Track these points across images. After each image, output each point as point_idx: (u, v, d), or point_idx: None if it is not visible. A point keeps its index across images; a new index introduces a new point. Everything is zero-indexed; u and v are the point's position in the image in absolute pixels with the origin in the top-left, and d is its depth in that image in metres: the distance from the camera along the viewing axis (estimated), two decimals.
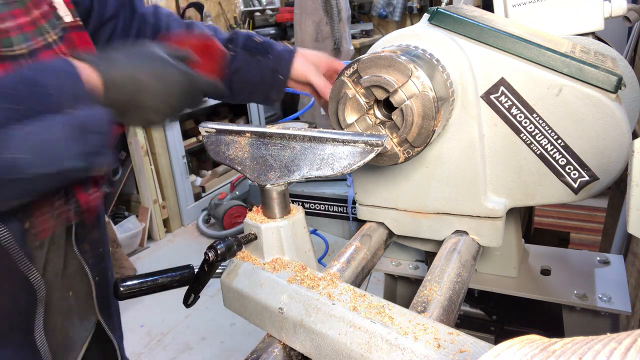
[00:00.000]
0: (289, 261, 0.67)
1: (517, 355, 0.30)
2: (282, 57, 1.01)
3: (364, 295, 0.59)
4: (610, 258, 1.02)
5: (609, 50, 0.91)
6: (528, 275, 1.00)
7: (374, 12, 5.32)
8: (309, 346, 0.58)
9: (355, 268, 0.80)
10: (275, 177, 0.66)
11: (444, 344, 0.50)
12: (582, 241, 3.23)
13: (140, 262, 3.44)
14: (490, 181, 0.81)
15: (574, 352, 0.27)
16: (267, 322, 0.64)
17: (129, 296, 0.70)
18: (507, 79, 0.75)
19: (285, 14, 4.95)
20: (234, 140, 0.73)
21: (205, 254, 0.64)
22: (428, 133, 0.68)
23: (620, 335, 0.28)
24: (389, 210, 0.89)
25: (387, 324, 0.53)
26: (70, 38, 0.77)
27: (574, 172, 0.76)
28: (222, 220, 3.64)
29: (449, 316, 0.64)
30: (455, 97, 0.76)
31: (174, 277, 0.71)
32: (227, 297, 0.70)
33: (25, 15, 0.70)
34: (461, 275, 0.72)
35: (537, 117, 0.75)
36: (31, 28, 0.70)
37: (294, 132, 0.66)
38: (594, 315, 0.92)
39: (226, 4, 5.13)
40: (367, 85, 0.69)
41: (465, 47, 0.77)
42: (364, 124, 0.72)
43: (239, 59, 1.01)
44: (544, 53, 0.73)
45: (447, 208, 0.84)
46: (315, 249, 0.73)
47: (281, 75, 1.01)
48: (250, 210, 0.71)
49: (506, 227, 0.88)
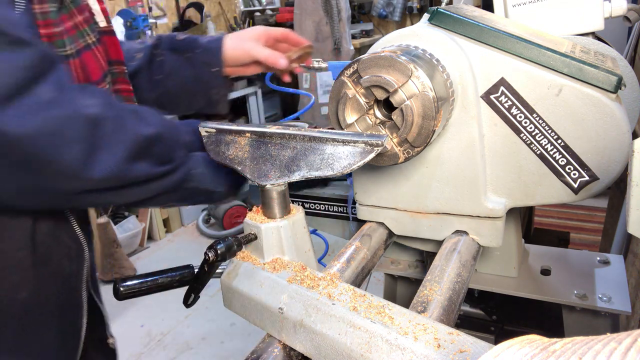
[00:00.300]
0: (289, 261, 0.67)
1: (517, 355, 0.30)
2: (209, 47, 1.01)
3: (364, 295, 0.59)
4: (610, 258, 1.02)
5: (609, 50, 0.91)
6: (528, 275, 1.00)
7: (374, 12, 5.32)
8: (309, 346, 0.58)
9: (355, 268, 0.80)
10: (275, 177, 0.66)
11: (444, 344, 0.50)
12: (582, 241, 3.24)
13: (140, 262, 3.44)
14: (490, 181, 0.81)
15: (574, 352, 0.27)
16: (267, 322, 0.64)
17: (129, 296, 0.70)
18: (507, 79, 0.75)
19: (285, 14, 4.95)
20: (234, 140, 0.73)
21: (205, 254, 0.64)
22: (428, 133, 0.68)
23: (620, 335, 0.28)
24: (389, 210, 0.89)
25: (387, 324, 0.53)
26: (104, 41, 0.86)
27: (574, 172, 0.76)
28: (222, 220, 3.64)
29: (449, 316, 0.64)
30: (455, 97, 0.76)
31: (174, 277, 0.71)
32: (227, 297, 0.70)
33: (69, 20, 0.78)
34: (461, 275, 0.72)
35: (537, 117, 0.75)
36: (74, 31, 0.78)
37: (294, 132, 0.66)
38: (594, 315, 0.92)
39: (226, 4, 5.13)
40: (367, 85, 0.69)
41: (465, 47, 0.77)
42: (364, 124, 0.72)
43: (168, 62, 1.02)
44: (544, 53, 0.73)
45: (447, 208, 0.84)
46: (315, 249, 0.73)
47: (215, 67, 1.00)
48: (250, 210, 0.71)
49: (506, 227, 0.88)
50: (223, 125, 0.75)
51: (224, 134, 0.74)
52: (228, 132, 0.74)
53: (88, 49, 0.81)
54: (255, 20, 5.01)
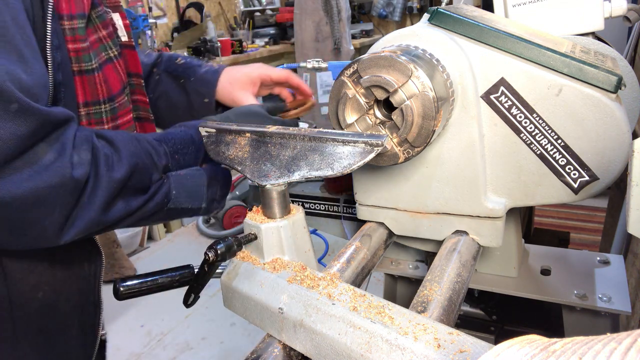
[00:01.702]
0: (289, 261, 0.67)
1: (518, 355, 0.30)
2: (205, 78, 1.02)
3: (364, 295, 0.59)
4: (610, 258, 1.02)
5: (609, 50, 0.91)
6: (528, 275, 1.00)
7: (374, 12, 5.32)
8: (309, 346, 0.58)
9: (355, 268, 0.80)
10: (275, 177, 0.66)
11: (444, 344, 0.50)
12: (582, 241, 3.24)
13: (140, 262, 3.44)
14: (490, 181, 0.81)
15: (574, 352, 0.27)
16: (267, 322, 0.64)
17: (129, 296, 0.70)
18: (507, 79, 0.75)
19: (285, 14, 4.95)
20: (234, 140, 0.73)
21: (205, 254, 0.64)
22: (428, 133, 0.68)
23: (620, 335, 0.28)
24: (389, 210, 0.89)
25: (387, 324, 0.53)
26: (124, 54, 0.90)
27: (574, 172, 0.76)
28: (222, 220, 3.64)
29: (449, 316, 0.64)
30: (455, 97, 0.76)
31: (174, 277, 0.71)
32: (227, 297, 0.70)
33: (94, 33, 0.81)
34: (461, 275, 0.72)
35: (537, 117, 0.75)
36: (97, 45, 0.82)
37: (294, 132, 0.66)
38: (594, 315, 0.92)
39: (226, 4, 5.13)
40: (367, 85, 0.69)
41: (465, 47, 0.76)
42: (364, 124, 0.72)
43: (164, 83, 1.04)
44: (544, 53, 0.73)
45: (447, 208, 0.84)
46: (315, 249, 0.73)
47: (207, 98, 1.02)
48: (250, 210, 0.71)
49: (506, 227, 0.88)
50: (223, 125, 0.75)
51: (224, 134, 0.74)
52: (228, 132, 0.74)
53: (110, 62, 0.84)
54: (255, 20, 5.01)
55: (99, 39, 0.82)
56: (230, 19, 5.12)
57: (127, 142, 0.75)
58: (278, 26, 5.09)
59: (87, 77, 0.78)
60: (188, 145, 0.83)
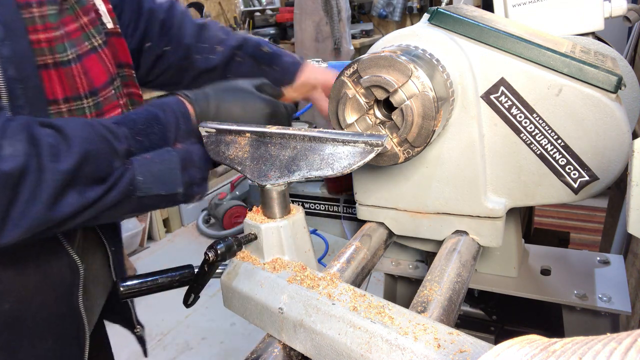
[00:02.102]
0: (289, 261, 0.67)
1: (518, 355, 0.30)
2: (287, 70, 1.02)
3: (364, 295, 0.59)
4: (610, 258, 1.02)
5: (609, 50, 0.91)
6: (528, 275, 1.00)
7: (374, 12, 5.32)
8: (309, 346, 0.58)
9: (355, 268, 0.80)
10: (275, 177, 0.66)
11: (444, 344, 0.50)
12: (582, 241, 3.23)
13: (140, 262, 3.44)
14: (490, 181, 0.81)
15: (574, 352, 0.27)
16: (267, 322, 0.64)
17: (129, 296, 0.70)
18: (507, 79, 0.75)
19: (285, 14, 4.95)
20: (234, 140, 0.73)
21: (205, 254, 0.64)
22: (428, 133, 0.68)
23: (620, 335, 0.28)
24: (389, 210, 0.89)
25: (387, 324, 0.53)
26: (112, 43, 0.84)
27: (574, 172, 0.76)
28: (222, 220, 3.64)
29: (449, 316, 0.64)
30: (455, 97, 0.76)
31: (174, 277, 0.71)
32: (227, 297, 0.70)
33: (74, 21, 0.75)
34: (461, 275, 0.72)
35: (537, 117, 0.75)
36: (79, 34, 0.76)
37: (294, 132, 0.66)
38: (594, 315, 0.92)
39: (226, 4, 5.13)
40: (367, 85, 0.69)
41: (465, 47, 0.77)
42: (364, 124, 0.72)
43: (245, 67, 1.02)
44: (544, 53, 0.73)
45: (447, 208, 0.84)
46: (315, 249, 0.73)
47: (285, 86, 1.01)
48: (250, 210, 0.71)
49: (506, 227, 0.88)
50: (223, 125, 0.75)
51: (223, 134, 0.74)
52: (228, 132, 0.74)
53: (94, 52, 0.78)
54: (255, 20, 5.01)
55: (80, 27, 0.76)
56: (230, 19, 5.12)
57: (79, 128, 0.66)
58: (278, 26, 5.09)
59: (63, 69, 0.72)
60: (152, 124, 0.74)
